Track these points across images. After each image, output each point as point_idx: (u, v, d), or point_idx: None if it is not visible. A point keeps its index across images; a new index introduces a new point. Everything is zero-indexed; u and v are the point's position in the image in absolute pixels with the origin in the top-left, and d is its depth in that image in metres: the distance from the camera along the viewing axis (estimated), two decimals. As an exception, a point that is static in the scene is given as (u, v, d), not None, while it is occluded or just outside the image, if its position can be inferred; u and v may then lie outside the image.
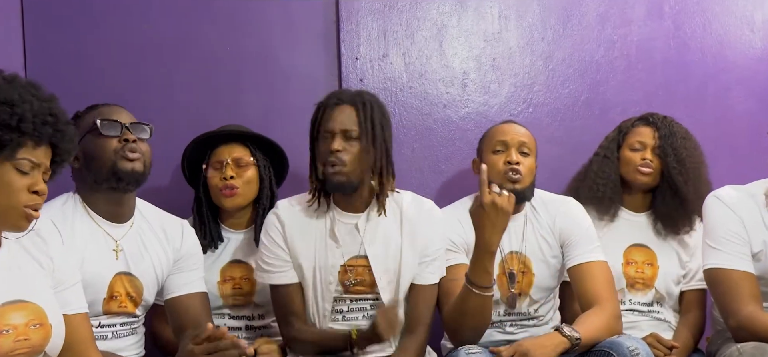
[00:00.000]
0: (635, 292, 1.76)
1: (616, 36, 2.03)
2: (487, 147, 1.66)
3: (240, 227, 1.73)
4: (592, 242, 1.62)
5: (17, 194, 1.11)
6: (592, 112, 1.94)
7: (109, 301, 1.44)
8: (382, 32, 1.96)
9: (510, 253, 1.66)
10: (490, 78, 2.00)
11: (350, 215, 1.55)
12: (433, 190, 1.95)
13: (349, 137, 1.49)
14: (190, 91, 1.90)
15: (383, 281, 1.52)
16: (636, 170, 1.74)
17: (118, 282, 1.44)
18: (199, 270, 1.55)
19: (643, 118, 1.80)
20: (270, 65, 1.93)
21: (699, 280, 1.73)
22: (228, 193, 1.66)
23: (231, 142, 1.69)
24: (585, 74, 2.03)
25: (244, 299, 1.70)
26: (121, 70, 1.86)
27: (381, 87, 1.96)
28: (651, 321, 1.74)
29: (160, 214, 1.54)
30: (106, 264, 1.43)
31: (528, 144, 1.63)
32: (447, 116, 1.99)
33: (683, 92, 2.04)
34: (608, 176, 1.75)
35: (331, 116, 1.49)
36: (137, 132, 1.44)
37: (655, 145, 1.74)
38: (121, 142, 1.41)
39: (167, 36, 1.89)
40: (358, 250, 1.53)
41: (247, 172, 1.68)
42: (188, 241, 1.54)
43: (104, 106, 1.48)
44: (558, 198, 1.71)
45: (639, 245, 1.77)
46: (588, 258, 1.58)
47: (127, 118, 1.45)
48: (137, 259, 1.47)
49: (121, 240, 1.45)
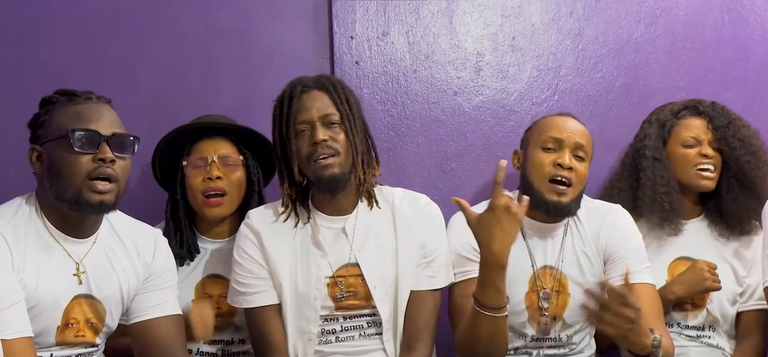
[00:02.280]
0: (684, 314, 1.72)
1: (659, 9, 2.00)
2: (536, 140, 1.61)
3: (220, 237, 1.67)
4: (642, 262, 1.58)
5: None
6: (629, 100, 1.92)
7: (63, 330, 1.37)
8: (381, 6, 1.92)
9: (543, 268, 1.60)
10: (509, 60, 1.97)
11: (335, 219, 1.52)
12: (442, 192, 1.90)
13: (330, 123, 1.47)
14: (153, 73, 1.85)
15: (379, 291, 1.49)
16: (696, 172, 1.72)
17: (76, 307, 1.39)
18: (172, 289, 1.50)
19: (690, 107, 1.77)
20: (249, 44, 1.89)
21: (758, 299, 1.70)
22: (214, 202, 1.61)
23: (215, 136, 1.64)
24: (621, 55, 1.99)
25: (223, 321, 1.64)
26: (70, 46, 1.81)
27: (380, 71, 1.92)
28: (702, 347, 1.71)
29: (131, 224, 1.48)
30: (64, 287, 1.37)
31: (586, 147, 1.58)
32: (458, 105, 1.95)
33: (740, 76, 2.00)
34: (668, 182, 1.71)
35: (303, 106, 1.47)
36: (118, 148, 1.35)
37: (711, 139, 1.72)
38: (95, 161, 1.33)
39: (128, 7, 1.84)
40: (348, 257, 1.50)
41: (235, 173, 1.63)
42: (161, 255, 1.49)
43: (83, 100, 1.38)
44: (605, 206, 1.66)
45: (686, 258, 1.72)
46: (635, 279, 1.51)
47: (108, 127, 1.35)
48: (102, 281, 1.41)
49: (84, 260, 1.39)
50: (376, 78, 1.91)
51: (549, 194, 1.55)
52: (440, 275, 1.54)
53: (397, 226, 1.53)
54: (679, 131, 1.75)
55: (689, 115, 1.75)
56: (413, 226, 1.53)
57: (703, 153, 1.72)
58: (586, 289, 1.37)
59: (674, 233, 1.72)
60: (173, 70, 1.85)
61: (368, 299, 1.50)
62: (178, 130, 1.65)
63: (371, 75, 1.90)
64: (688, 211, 1.77)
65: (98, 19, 1.83)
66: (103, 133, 1.34)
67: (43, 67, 1.78)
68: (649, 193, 1.70)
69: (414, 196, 1.60)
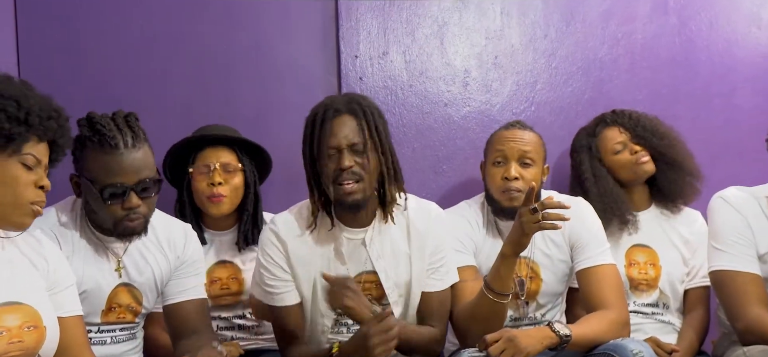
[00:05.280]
0: (639, 293, 1.77)
1: (621, 33, 2.05)
2: (489, 156, 1.67)
3: (224, 229, 1.74)
4: (601, 245, 1.62)
5: (24, 190, 1.13)
6: (595, 111, 1.94)
7: (107, 312, 1.47)
8: (382, 29, 1.97)
9: (518, 259, 1.60)
10: (492, 76, 2.02)
11: (356, 230, 1.51)
12: (434, 190, 1.97)
13: (356, 151, 1.44)
14: (183, 87, 1.91)
15: (394, 295, 1.51)
16: (635, 166, 1.78)
17: (118, 294, 1.47)
18: (199, 276, 1.55)
19: (600, 122, 1.83)
20: (265, 62, 1.94)
21: (702, 277, 1.75)
22: (215, 201, 1.67)
23: (218, 145, 1.69)
24: (589, 72, 2.04)
25: (233, 299, 1.72)
26: (113, 66, 1.88)
27: (381, 85, 1.97)
28: (655, 324, 1.76)
29: (165, 220, 1.54)
30: (107, 278, 1.45)
31: (531, 153, 1.62)
32: (448, 115, 2.00)
33: (689, 91, 2.06)
34: (612, 192, 1.76)
35: (332, 131, 1.44)
36: (143, 192, 1.38)
37: (630, 137, 1.78)
38: (124, 209, 1.37)
39: (160, 31, 1.90)
40: (365, 265, 1.51)
41: (234, 179, 1.69)
42: (191, 247, 1.54)
43: (111, 150, 1.34)
44: (569, 200, 1.65)
45: (641, 246, 1.78)
46: (597, 261, 1.59)
47: (134, 176, 1.36)
48: (138, 271, 1.48)
49: (124, 256, 1.47)
50: (377, 92, 1.96)
51: (505, 202, 1.61)
52: (448, 277, 1.56)
53: (411, 236, 1.53)
54: (603, 144, 1.80)
55: (603, 129, 1.82)
56: (425, 236, 1.53)
57: (633, 150, 1.77)
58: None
59: (631, 229, 1.77)
60: (200, 84, 1.92)
61: (380, 300, 1.51)
62: (184, 140, 1.71)
63: (373, 89, 1.96)
64: (640, 203, 1.82)
65: (138, 41, 1.90)
66: (129, 185, 1.36)
67: (92, 82, 1.85)
68: (600, 206, 1.72)
69: (425, 207, 1.58)
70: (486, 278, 1.49)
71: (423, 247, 1.53)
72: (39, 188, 1.15)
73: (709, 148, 1.96)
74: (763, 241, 1.54)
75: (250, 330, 1.75)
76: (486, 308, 1.48)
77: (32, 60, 1.82)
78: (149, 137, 1.53)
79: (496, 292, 1.47)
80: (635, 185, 1.81)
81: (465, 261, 1.61)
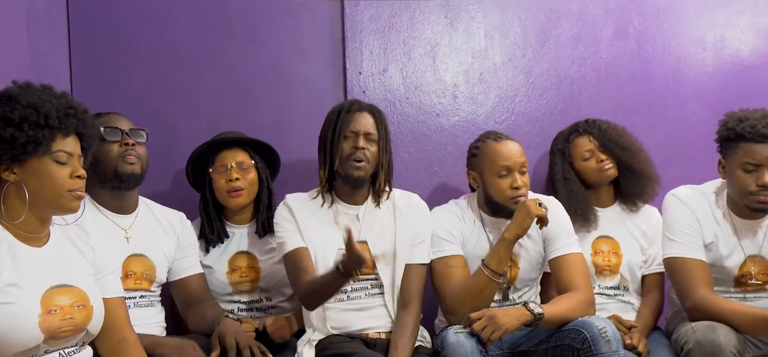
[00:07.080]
0: (603, 278, 1.78)
1: (588, 54, 2.06)
2: (491, 169, 1.62)
3: (243, 222, 1.74)
4: (570, 237, 1.65)
5: (62, 182, 1.14)
6: (567, 121, 1.94)
7: (125, 280, 1.48)
8: (382, 49, 1.98)
9: None
10: (478, 90, 2.02)
11: (352, 206, 1.61)
12: (427, 189, 1.97)
13: (370, 139, 1.58)
14: (210, 100, 1.92)
15: (381, 262, 1.57)
16: (600, 172, 1.79)
17: (131, 262, 1.51)
18: (196, 254, 1.64)
19: (573, 131, 1.83)
20: (282, 78, 1.95)
21: (658, 265, 1.76)
22: (235, 195, 1.67)
23: (232, 147, 1.70)
24: (561, 87, 2.05)
25: (251, 285, 1.72)
26: (150, 82, 1.90)
27: (381, 98, 1.98)
28: (617, 304, 1.77)
29: (161, 208, 1.61)
30: (118, 249, 1.48)
31: (525, 162, 1.64)
32: (439, 124, 2.01)
33: (646, 103, 2.07)
34: (578, 194, 1.77)
35: (355, 119, 1.58)
36: (135, 137, 1.51)
37: (598, 146, 1.78)
38: (122, 146, 1.48)
39: (191, 51, 1.92)
40: (358, 236, 1.56)
41: (249, 175, 1.69)
42: (186, 229, 1.62)
43: (106, 114, 1.52)
44: (541, 198, 1.69)
45: (605, 237, 1.80)
46: (566, 251, 1.61)
47: (126, 125, 1.51)
48: (146, 241, 1.53)
49: (130, 228, 1.51)
50: (378, 103, 1.90)
51: (513, 207, 1.61)
52: (426, 254, 1.62)
53: (396, 215, 1.61)
54: (575, 151, 1.80)
55: (576, 137, 1.81)
56: (408, 216, 1.62)
57: (599, 158, 1.78)
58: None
59: (592, 226, 1.78)
60: (224, 97, 1.93)
61: (373, 267, 1.57)
62: (202, 145, 1.71)
63: (374, 101, 1.92)
64: (605, 201, 1.83)
65: (171, 60, 1.92)
66: (123, 128, 1.50)
67: (133, 96, 1.86)
68: (566, 204, 1.72)
69: (409, 195, 1.67)
70: (484, 259, 1.54)
71: (405, 225, 1.60)
72: (76, 177, 1.15)
73: (664, 152, 1.97)
74: (708, 232, 1.59)
75: (266, 312, 1.74)
76: (480, 285, 1.53)
77: (83, 79, 1.85)
78: (181, 143, 1.66)
79: (492, 271, 1.53)
80: (601, 186, 1.82)
81: (454, 250, 1.63)
